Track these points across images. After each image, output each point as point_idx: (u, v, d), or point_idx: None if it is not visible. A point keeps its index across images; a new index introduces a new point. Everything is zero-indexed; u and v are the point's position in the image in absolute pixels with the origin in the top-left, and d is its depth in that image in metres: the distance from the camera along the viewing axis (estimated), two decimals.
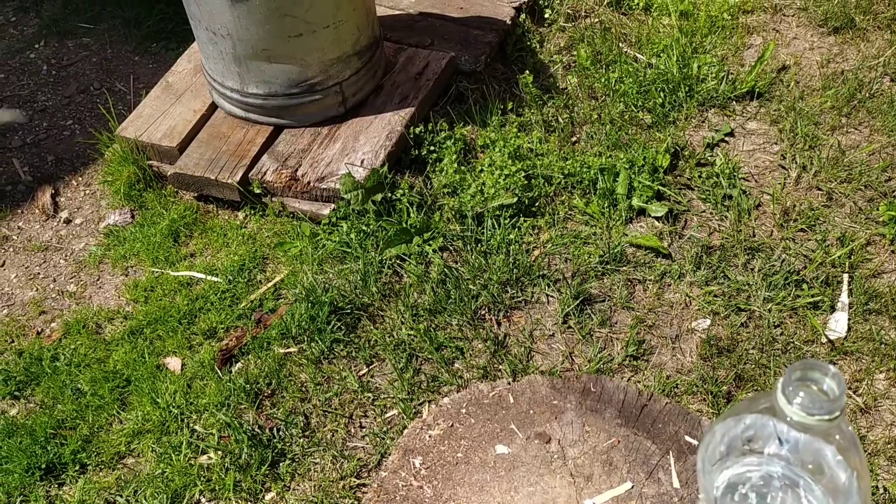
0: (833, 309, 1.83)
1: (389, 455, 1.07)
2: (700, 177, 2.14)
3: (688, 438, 1.06)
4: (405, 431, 1.09)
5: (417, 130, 2.21)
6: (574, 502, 0.99)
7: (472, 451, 1.06)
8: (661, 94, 2.34)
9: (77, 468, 1.65)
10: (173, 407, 1.71)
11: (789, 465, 0.62)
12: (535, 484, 1.02)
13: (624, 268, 1.98)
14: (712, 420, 1.22)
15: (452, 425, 1.09)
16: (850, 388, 1.70)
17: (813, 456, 0.60)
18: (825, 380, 0.57)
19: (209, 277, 2.02)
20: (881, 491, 1.51)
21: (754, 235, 2.01)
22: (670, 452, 1.04)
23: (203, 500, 1.58)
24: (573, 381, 1.14)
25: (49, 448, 1.67)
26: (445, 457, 1.06)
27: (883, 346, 1.75)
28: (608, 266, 1.98)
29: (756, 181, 2.14)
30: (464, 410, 1.11)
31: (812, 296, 1.85)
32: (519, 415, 1.10)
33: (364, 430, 1.69)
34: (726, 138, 2.26)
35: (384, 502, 1.01)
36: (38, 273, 2.13)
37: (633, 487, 1.00)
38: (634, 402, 1.10)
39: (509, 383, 1.14)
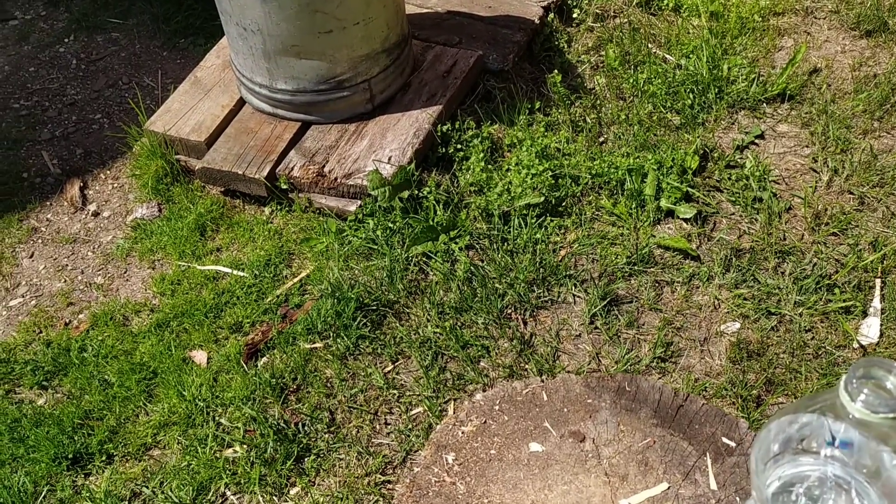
0: (865, 314, 1.81)
1: (421, 450, 1.06)
2: (729, 179, 2.12)
3: (725, 440, 1.04)
4: (438, 427, 1.08)
5: (445, 128, 2.20)
6: (609, 502, 0.98)
7: (506, 449, 1.05)
8: (691, 96, 2.32)
9: (104, 458, 1.65)
10: (199, 400, 1.72)
11: (845, 467, 0.60)
12: (570, 483, 1.01)
13: (651, 269, 1.97)
14: (760, 421, 1.20)
15: (485, 422, 1.08)
16: None
17: (870, 458, 0.58)
18: (889, 377, 0.56)
19: (235, 272, 2.02)
20: None
21: (785, 239, 1.99)
22: (707, 454, 1.03)
23: (228, 493, 1.58)
24: (607, 381, 1.12)
25: (76, 438, 1.67)
26: (479, 453, 1.05)
27: None
28: (635, 267, 1.96)
29: (787, 184, 2.12)
30: (497, 407, 1.10)
31: (844, 301, 1.82)
32: (553, 413, 1.09)
33: (389, 426, 1.69)
34: (756, 141, 2.24)
35: (417, 498, 1.01)
36: (67, 265, 2.15)
37: (669, 488, 0.99)
38: (670, 403, 1.09)
39: (542, 381, 1.13)
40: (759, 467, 0.61)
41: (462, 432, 1.07)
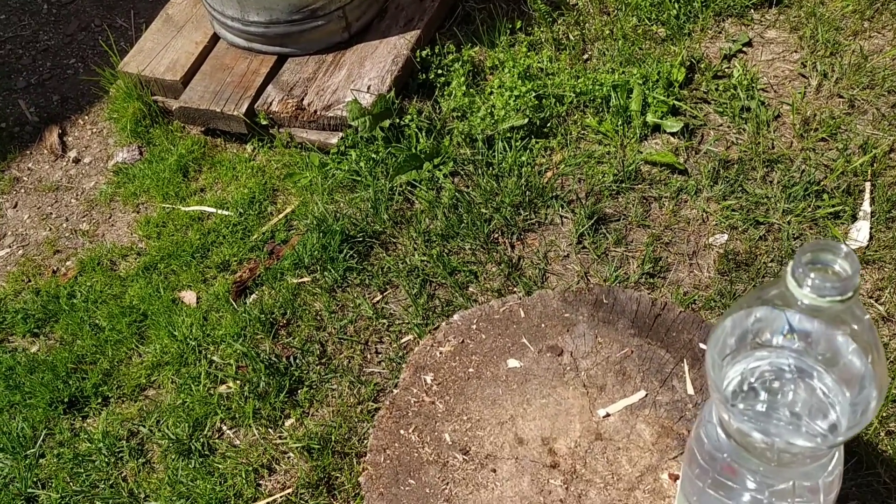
0: (854, 218, 1.79)
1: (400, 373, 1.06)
2: (717, 90, 2.08)
3: (702, 346, 1.04)
4: (416, 349, 1.08)
5: (424, 54, 2.15)
6: (587, 412, 0.99)
7: (484, 366, 1.05)
8: (676, 6, 2.25)
9: (99, 401, 1.67)
10: (190, 339, 1.72)
11: (801, 357, 0.60)
12: (548, 396, 1.01)
13: (639, 186, 1.94)
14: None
15: (463, 341, 1.08)
16: (872, 297, 1.67)
17: (826, 345, 0.58)
18: (837, 261, 0.54)
19: (220, 211, 2.01)
20: None
21: (773, 147, 1.95)
22: (684, 360, 1.03)
23: (224, 428, 1.60)
24: (585, 294, 1.12)
25: (71, 382, 1.69)
26: (457, 372, 1.05)
27: None
28: (623, 185, 1.94)
29: (775, 91, 2.07)
30: (474, 326, 1.10)
31: (833, 206, 1.80)
32: (530, 329, 1.09)
33: (380, 355, 1.70)
34: (744, 48, 2.18)
35: (396, 419, 1.01)
36: (51, 213, 2.13)
37: (646, 396, 0.99)
38: (648, 312, 1.08)
39: (520, 298, 1.12)
40: (715, 365, 0.61)
41: (440, 353, 1.07)
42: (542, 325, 1.09)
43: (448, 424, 1.00)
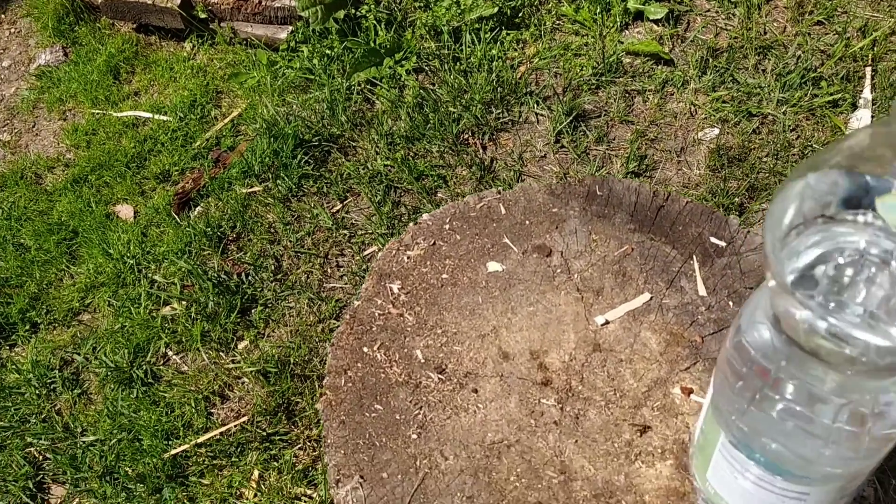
0: (854, 107, 1.64)
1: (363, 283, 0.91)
2: None
3: (713, 240, 0.89)
4: (380, 255, 0.92)
5: None
6: (583, 320, 0.84)
7: (460, 271, 0.90)
8: None
9: (27, 328, 1.50)
10: (128, 257, 1.54)
11: (889, 236, 0.45)
12: (536, 303, 0.86)
13: (620, 79, 1.77)
14: (754, 218, 1.05)
15: (435, 244, 0.92)
16: None
17: None
18: None
19: (157, 116, 1.80)
20: None
21: (766, 33, 1.79)
22: (694, 257, 0.88)
23: (170, 353, 1.44)
24: (575, 186, 0.96)
25: None
26: (428, 279, 0.89)
27: None
28: (603, 78, 1.76)
29: None
30: (447, 227, 0.94)
31: (831, 94, 1.65)
32: (513, 227, 0.93)
33: (342, 269, 1.54)
34: None
35: (358, 335, 0.86)
36: None
37: (651, 299, 0.85)
38: (649, 205, 0.93)
39: (500, 193, 0.96)
40: (774, 248, 0.45)
41: (408, 258, 0.92)
42: (527, 223, 0.93)
43: (419, 339, 0.85)
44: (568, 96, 1.74)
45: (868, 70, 1.69)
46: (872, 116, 1.62)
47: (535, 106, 1.74)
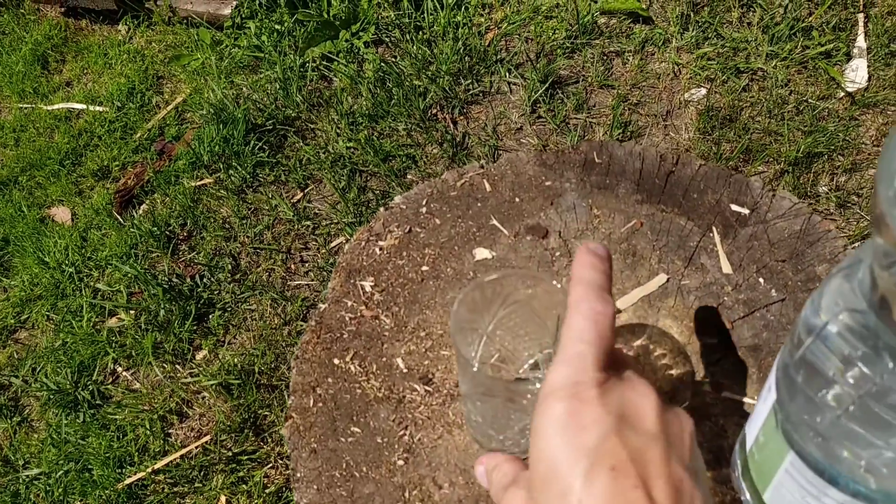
0: (849, 57, 1.53)
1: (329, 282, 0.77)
2: None
3: (735, 207, 0.77)
4: (346, 247, 0.78)
5: None
6: None
7: (442, 261, 0.76)
8: None
9: None
10: (66, 265, 1.39)
11: None
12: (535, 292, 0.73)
13: (597, 41, 1.64)
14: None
15: (410, 230, 0.79)
16: (876, 145, 1.44)
17: None
18: None
19: (92, 107, 1.63)
20: None
21: None
22: (713, 229, 0.75)
23: (119, 368, 1.29)
24: (569, 154, 0.83)
25: None
26: (405, 273, 0.76)
27: None
28: (578, 41, 1.63)
29: None
30: (424, 210, 0.80)
31: (823, 44, 1.54)
32: (501, 206, 0.79)
33: (307, 264, 1.39)
34: None
35: (328, 343, 0.72)
36: None
37: (668, 280, 0.72)
38: (656, 170, 0.80)
39: (483, 167, 0.82)
40: (891, 203, 0.32)
41: (380, 249, 0.78)
42: (517, 200, 0.80)
43: (400, 345, 0.71)
44: (542, 62, 1.61)
45: (860, 17, 1.57)
46: (868, 66, 1.51)
47: (507, 74, 1.61)
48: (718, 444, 0.64)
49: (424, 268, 0.76)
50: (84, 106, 1.63)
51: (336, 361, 0.71)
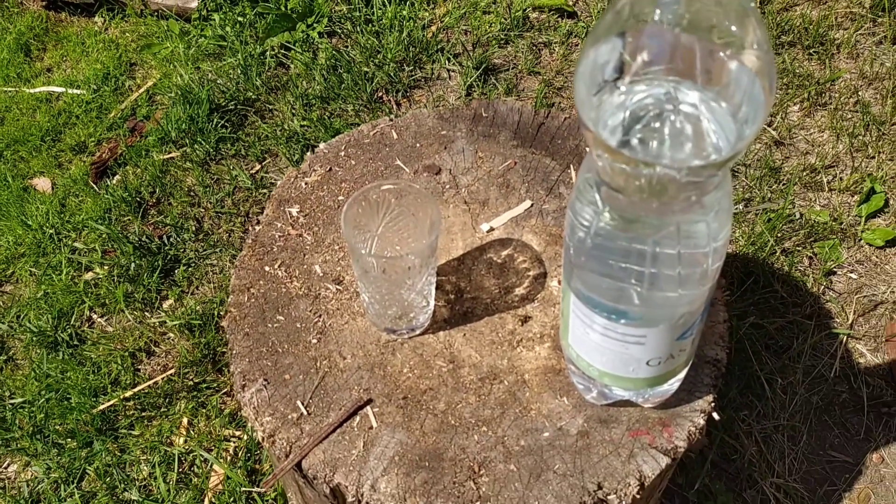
0: None
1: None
2: None
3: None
4: (279, 183, 0.97)
5: None
6: (469, 228, 0.90)
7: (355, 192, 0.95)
8: None
9: None
10: (47, 227, 1.55)
11: (678, 85, 0.51)
12: None
13: (528, 33, 1.84)
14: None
15: (331, 169, 0.97)
16: (764, 124, 1.64)
17: (699, 62, 0.49)
18: None
19: (71, 90, 1.80)
20: (798, 217, 1.48)
21: None
22: (571, 166, 0.95)
23: (94, 315, 1.46)
24: (463, 110, 1.02)
25: None
26: (325, 202, 0.94)
27: (796, 77, 1.68)
28: (511, 33, 1.83)
29: None
30: (342, 153, 0.99)
31: None
32: (404, 150, 0.98)
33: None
34: None
35: (260, 255, 0.90)
36: None
37: (532, 205, 0.91)
38: (531, 122, 0.99)
39: (392, 120, 1.01)
40: (584, 103, 0.52)
41: (305, 183, 0.96)
42: (417, 145, 0.98)
43: (318, 256, 0.90)
44: (478, 52, 1.80)
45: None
46: None
47: (447, 62, 1.79)
48: (558, 323, 0.82)
49: (340, 197, 0.95)
50: (63, 89, 1.80)
51: (266, 269, 0.90)
